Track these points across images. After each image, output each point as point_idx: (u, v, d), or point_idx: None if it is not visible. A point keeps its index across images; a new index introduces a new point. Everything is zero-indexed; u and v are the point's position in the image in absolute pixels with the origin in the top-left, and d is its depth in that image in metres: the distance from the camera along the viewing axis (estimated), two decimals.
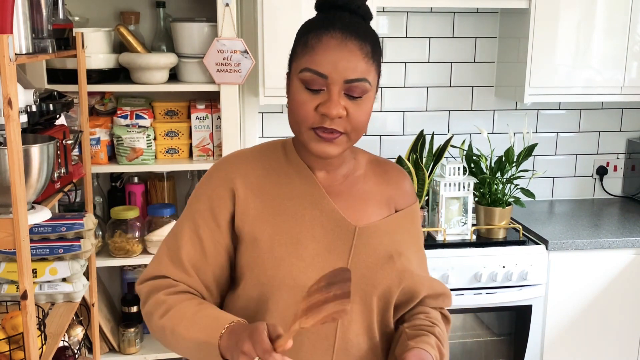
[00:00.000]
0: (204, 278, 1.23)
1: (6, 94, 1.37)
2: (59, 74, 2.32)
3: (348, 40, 1.12)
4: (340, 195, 1.25)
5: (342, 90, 1.12)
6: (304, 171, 1.24)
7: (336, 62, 1.11)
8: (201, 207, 1.24)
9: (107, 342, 2.57)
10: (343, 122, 1.14)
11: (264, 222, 1.20)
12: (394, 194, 1.31)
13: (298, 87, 1.15)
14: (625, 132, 3.18)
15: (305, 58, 1.14)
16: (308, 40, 1.15)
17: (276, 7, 2.41)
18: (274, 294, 1.19)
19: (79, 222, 1.94)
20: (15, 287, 1.89)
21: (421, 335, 1.24)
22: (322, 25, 1.14)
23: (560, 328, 2.65)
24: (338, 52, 1.11)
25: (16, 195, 1.42)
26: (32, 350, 1.50)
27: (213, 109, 2.46)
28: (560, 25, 2.63)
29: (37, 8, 1.73)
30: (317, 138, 1.15)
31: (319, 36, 1.14)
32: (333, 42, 1.12)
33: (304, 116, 1.14)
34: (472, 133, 2.99)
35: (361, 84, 1.13)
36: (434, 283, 1.34)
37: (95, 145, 2.40)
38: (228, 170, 1.25)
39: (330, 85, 1.12)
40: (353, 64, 1.11)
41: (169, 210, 2.50)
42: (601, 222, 2.85)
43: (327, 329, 1.20)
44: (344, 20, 1.14)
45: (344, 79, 1.12)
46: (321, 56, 1.12)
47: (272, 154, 1.28)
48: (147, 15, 2.60)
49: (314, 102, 1.13)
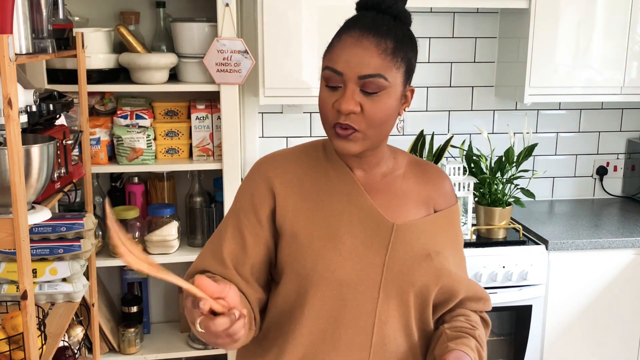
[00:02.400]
0: (242, 271, 1.25)
1: (6, 94, 1.37)
2: (59, 74, 2.32)
3: (364, 38, 1.15)
4: (378, 193, 1.27)
5: (357, 87, 1.15)
6: (343, 169, 1.27)
7: (350, 59, 1.14)
8: (244, 204, 1.28)
9: (107, 342, 2.57)
10: (358, 119, 1.16)
11: (303, 218, 1.24)
12: (434, 194, 1.32)
13: (322, 85, 1.20)
14: (625, 132, 3.18)
15: (327, 57, 1.19)
16: (332, 40, 1.20)
17: (276, 7, 2.41)
18: (312, 287, 1.21)
19: (79, 222, 1.94)
20: (15, 287, 1.89)
21: (461, 337, 1.25)
22: (346, 25, 1.19)
23: (560, 328, 2.65)
24: (352, 49, 1.15)
25: (16, 195, 1.42)
26: (32, 350, 1.50)
27: (213, 109, 2.46)
28: (560, 25, 2.63)
29: (37, 8, 1.73)
30: (336, 135, 1.19)
31: (339, 35, 1.18)
32: (350, 40, 1.16)
33: (324, 113, 1.19)
34: (472, 133, 2.99)
35: (375, 80, 1.14)
36: (474, 285, 1.36)
37: (95, 145, 2.40)
38: (268, 168, 1.29)
39: (346, 81, 1.15)
40: (366, 60, 1.14)
41: (169, 210, 2.50)
42: (601, 222, 2.85)
43: (364, 323, 1.23)
44: (367, 19, 1.18)
45: (357, 74, 1.14)
46: (337, 54, 1.16)
47: (312, 153, 1.31)
48: (147, 15, 2.60)
49: (332, 99, 1.17)
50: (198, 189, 2.62)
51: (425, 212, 1.30)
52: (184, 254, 2.53)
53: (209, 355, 2.65)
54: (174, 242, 2.50)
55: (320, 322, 1.22)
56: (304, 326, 1.23)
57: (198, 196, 2.61)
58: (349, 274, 1.15)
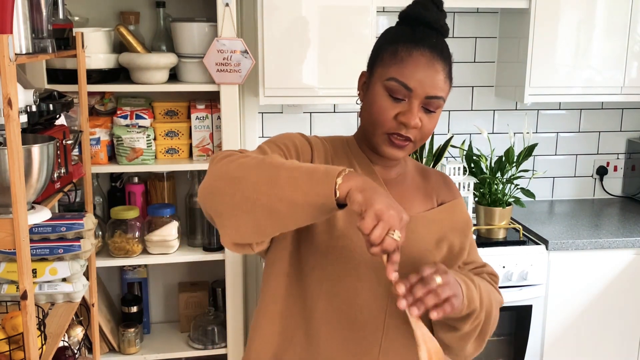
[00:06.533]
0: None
1: (6, 94, 1.37)
2: (59, 74, 2.32)
3: (435, 60, 1.23)
4: (392, 187, 1.34)
5: (421, 104, 1.23)
6: (365, 161, 1.34)
7: (423, 79, 1.22)
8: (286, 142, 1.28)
9: (107, 342, 2.57)
10: (415, 132, 1.25)
11: None
12: (437, 190, 1.41)
13: (381, 93, 1.24)
14: (625, 132, 3.18)
15: (394, 68, 1.23)
16: (398, 51, 1.24)
17: (276, 7, 2.41)
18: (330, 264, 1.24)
19: (79, 222, 1.94)
20: (15, 287, 1.89)
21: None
22: (413, 40, 1.24)
23: (560, 328, 2.65)
24: (426, 69, 1.22)
25: (16, 195, 1.42)
26: (32, 350, 1.50)
27: (213, 109, 2.46)
28: (560, 25, 2.63)
29: (37, 8, 1.72)
30: (390, 142, 1.26)
31: (409, 50, 1.23)
32: (423, 60, 1.22)
33: (382, 121, 1.24)
34: (472, 133, 2.99)
35: (438, 101, 1.24)
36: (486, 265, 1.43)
37: (95, 145, 2.40)
38: (307, 137, 1.34)
39: (413, 98, 1.22)
40: (436, 83, 1.23)
41: (169, 210, 2.50)
42: (601, 222, 2.85)
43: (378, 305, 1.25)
44: (432, 39, 1.25)
45: (426, 94, 1.22)
46: (410, 70, 1.22)
47: (339, 144, 1.37)
48: (147, 15, 2.60)
49: (394, 110, 1.23)
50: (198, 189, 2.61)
51: (431, 205, 1.38)
52: (184, 254, 2.52)
53: (209, 355, 2.65)
54: (173, 242, 2.50)
55: (335, 301, 1.24)
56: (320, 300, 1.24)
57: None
58: (367, 255, 1.17)
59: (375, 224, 1.00)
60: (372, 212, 1.00)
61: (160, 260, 2.52)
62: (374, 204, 1.00)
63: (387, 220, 1.00)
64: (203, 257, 2.53)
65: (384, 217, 1.00)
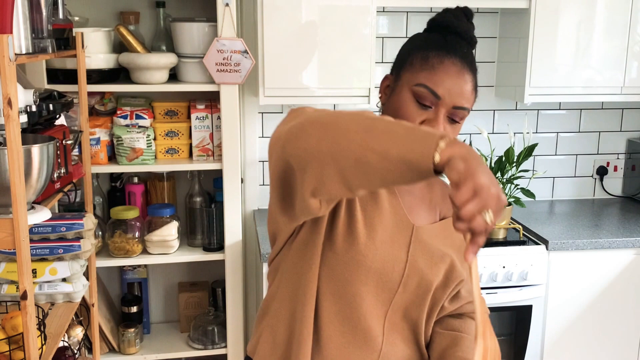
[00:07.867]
0: None
1: (6, 94, 1.37)
2: (58, 74, 2.32)
3: (465, 71, 1.22)
4: (403, 195, 1.31)
5: (447, 113, 1.22)
6: None
7: (452, 88, 1.20)
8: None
9: (107, 342, 2.57)
10: None
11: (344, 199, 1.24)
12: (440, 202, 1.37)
13: (409, 98, 1.22)
14: (626, 132, 3.18)
15: (424, 74, 1.21)
16: (429, 57, 1.22)
17: (276, 7, 2.41)
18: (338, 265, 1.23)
19: (78, 222, 1.94)
20: (15, 287, 1.89)
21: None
22: (444, 48, 1.23)
23: (560, 328, 2.65)
24: (456, 79, 1.21)
25: (16, 195, 1.42)
26: (32, 350, 1.50)
27: (213, 109, 2.46)
28: (560, 25, 2.63)
29: (37, 8, 1.72)
30: None
31: (440, 58, 1.22)
32: (453, 69, 1.21)
33: None
34: (472, 133, 2.98)
35: (463, 112, 1.23)
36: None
37: (95, 145, 2.40)
38: None
39: (440, 106, 1.21)
40: (465, 93, 1.22)
41: (168, 211, 2.50)
42: (601, 222, 2.85)
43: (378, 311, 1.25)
44: (463, 49, 1.24)
45: (453, 104, 1.21)
46: (441, 78, 1.20)
47: None
48: (147, 15, 2.60)
49: (420, 117, 1.21)
50: (198, 189, 2.62)
51: (434, 218, 1.35)
52: (184, 254, 2.53)
53: (209, 356, 2.65)
54: (173, 242, 2.50)
55: (339, 303, 1.24)
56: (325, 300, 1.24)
57: (198, 196, 2.61)
58: (377, 262, 1.19)
59: (469, 198, 0.89)
60: (471, 184, 0.88)
61: (160, 260, 2.52)
62: (475, 177, 0.88)
63: (484, 197, 0.88)
64: (203, 257, 2.53)
65: (482, 194, 0.88)
